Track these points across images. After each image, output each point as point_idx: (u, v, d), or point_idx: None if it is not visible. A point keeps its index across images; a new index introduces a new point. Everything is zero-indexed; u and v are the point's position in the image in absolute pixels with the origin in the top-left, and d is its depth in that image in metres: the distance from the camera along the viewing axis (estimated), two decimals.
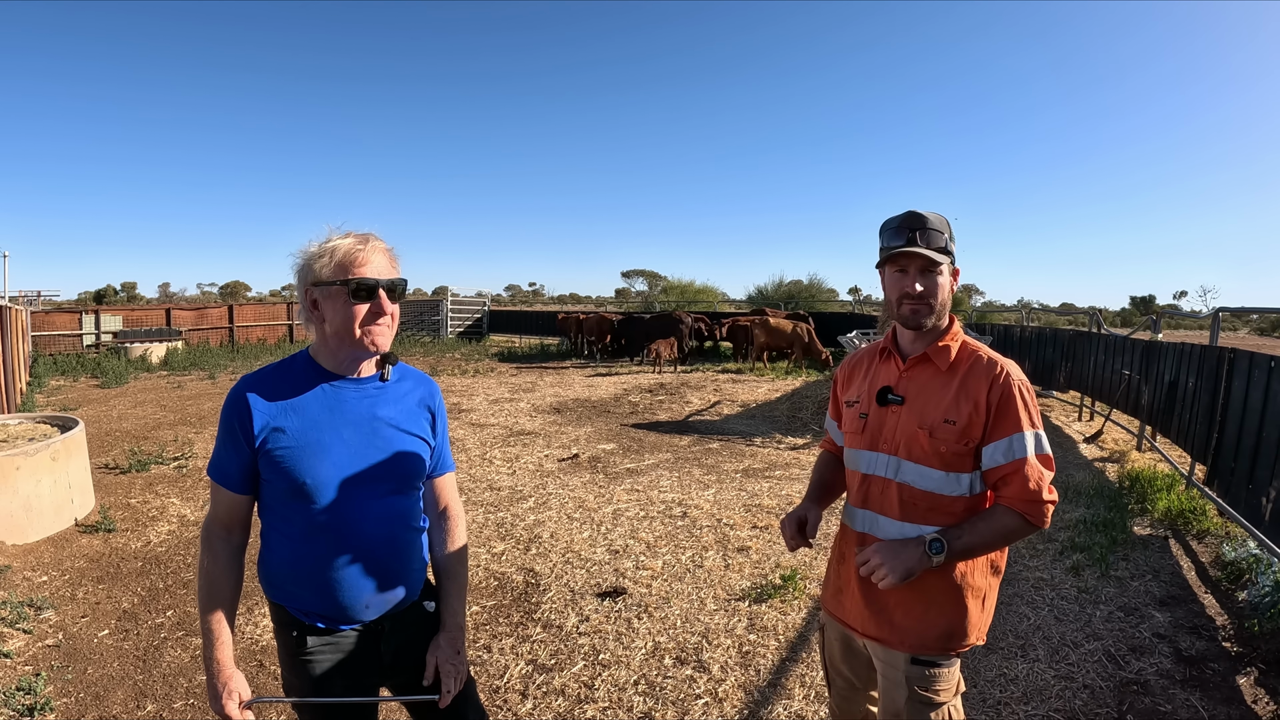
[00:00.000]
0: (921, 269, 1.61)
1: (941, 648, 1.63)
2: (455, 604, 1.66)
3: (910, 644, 1.64)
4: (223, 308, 20.16)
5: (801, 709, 2.80)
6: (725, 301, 26.01)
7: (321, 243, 1.47)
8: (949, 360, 1.64)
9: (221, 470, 1.49)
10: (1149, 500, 5.36)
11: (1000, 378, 1.57)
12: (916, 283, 1.61)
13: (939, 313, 1.64)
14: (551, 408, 10.15)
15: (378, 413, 1.53)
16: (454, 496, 1.75)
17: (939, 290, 1.62)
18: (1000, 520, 1.54)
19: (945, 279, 1.63)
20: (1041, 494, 1.52)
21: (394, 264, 1.50)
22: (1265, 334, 37.04)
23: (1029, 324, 13.31)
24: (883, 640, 1.68)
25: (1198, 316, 8.55)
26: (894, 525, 1.65)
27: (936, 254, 1.59)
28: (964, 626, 1.63)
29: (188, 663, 3.19)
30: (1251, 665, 3.10)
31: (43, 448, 4.71)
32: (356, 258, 1.43)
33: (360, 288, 1.42)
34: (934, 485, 1.61)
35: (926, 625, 1.63)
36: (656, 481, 6.16)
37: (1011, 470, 1.53)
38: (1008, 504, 1.54)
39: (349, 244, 1.45)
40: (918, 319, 1.63)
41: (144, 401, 10.65)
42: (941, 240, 1.61)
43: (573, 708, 2.83)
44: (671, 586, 3.95)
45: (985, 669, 3.10)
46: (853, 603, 1.76)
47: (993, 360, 1.61)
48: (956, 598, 1.62)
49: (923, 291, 1.61)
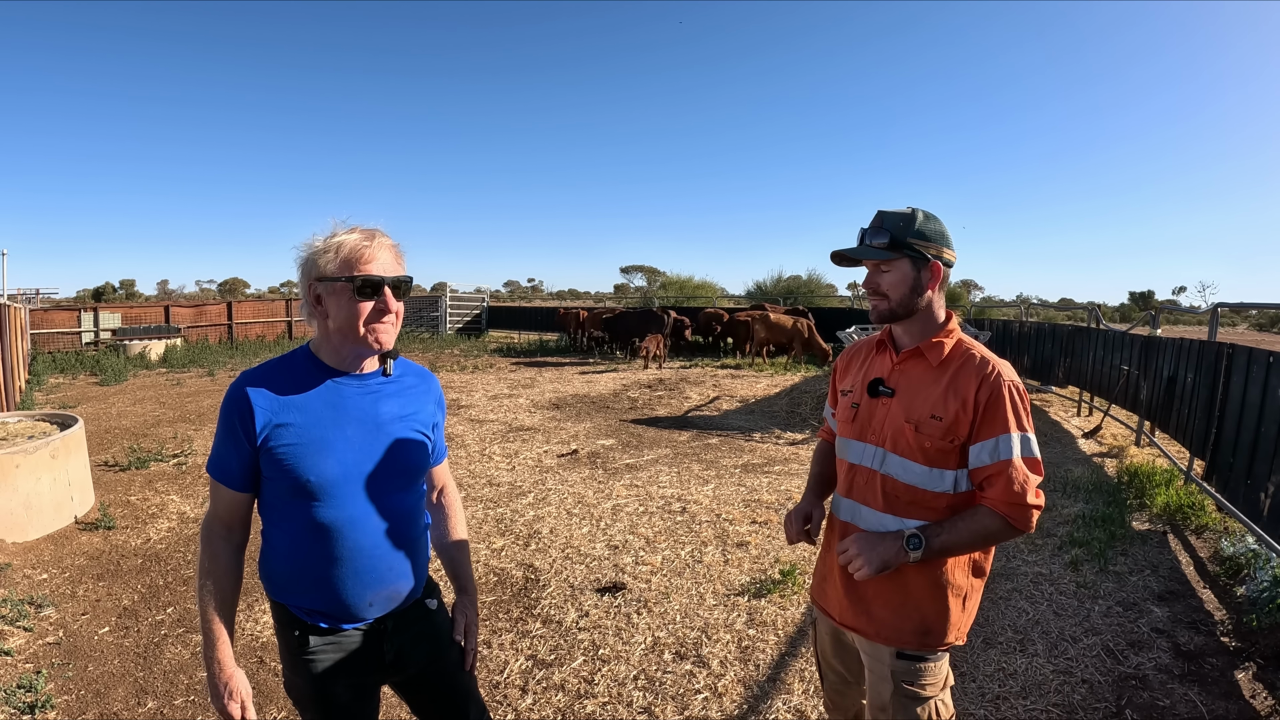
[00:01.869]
0: (874, 266, 1.64)
1: (918, 644, 1.63)
2: (468, 569, 1.81)
3: (886, 637, 1.65)
4: (221, 304, 20.13)
5: (801, 704, 2.81)
6: (724, 297, 25.99)
7: (327, 237, 1.44)
8: (941, 356, 1.63)
9: (222, 468, 1.46)
10: (1148, 495, 5.37)
11: (991, 377, 1.55)
12: (871, 278, 1.65)
13: (905, 305, 1.62)
14: (550, 403, 10.15)
15: (381, 409, 1.52)
16: (449, 477, 1.83)
17: (893, 285, 1.61)
18: (982, 521, 1.53)
19: (901, 275, 1.60)
20: (1025, 497, 1.50)
21: (400, 260, 1.48)
22: (1264, 329, 37.08)
23: (1028, 319, 13.31)
24: (861, 631, 1.70)
25: (1196, 312, 8.59)
26: (875, 516, 1.65)
27: (879, 251, 1.60)
28: (943, 624, 1.63)
29: (188, 659, 3.20)
30: (1250, 660, 3.11)
31: (42, 445, 4.71)
32: (363, 254, 1.41)
33: (366, 285, 1.39)
34: (916, 479, 1.60)
35: (903, 619, 1.63)
36: (656, 477, 6.16)
37: (995, 471, 1.52)
38: (990, 505, 1.53)
39: (355, 240, 1.42)
40: (878, 313, 1.67)
41: (143, 399, 10.64)
42: (885, 237, 1.60)
43: (572, 703, 2.84)
44: (671, 582, 3.96)
45: (984, 663, 3.11)
46: (834, 592, 1.77)
47: (985, 359, 1.59)
48: (936, 595, 1.62)
49: (876, 286, 1.64)
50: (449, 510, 1.81)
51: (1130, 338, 7.69)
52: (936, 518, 1.59)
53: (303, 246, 1.46)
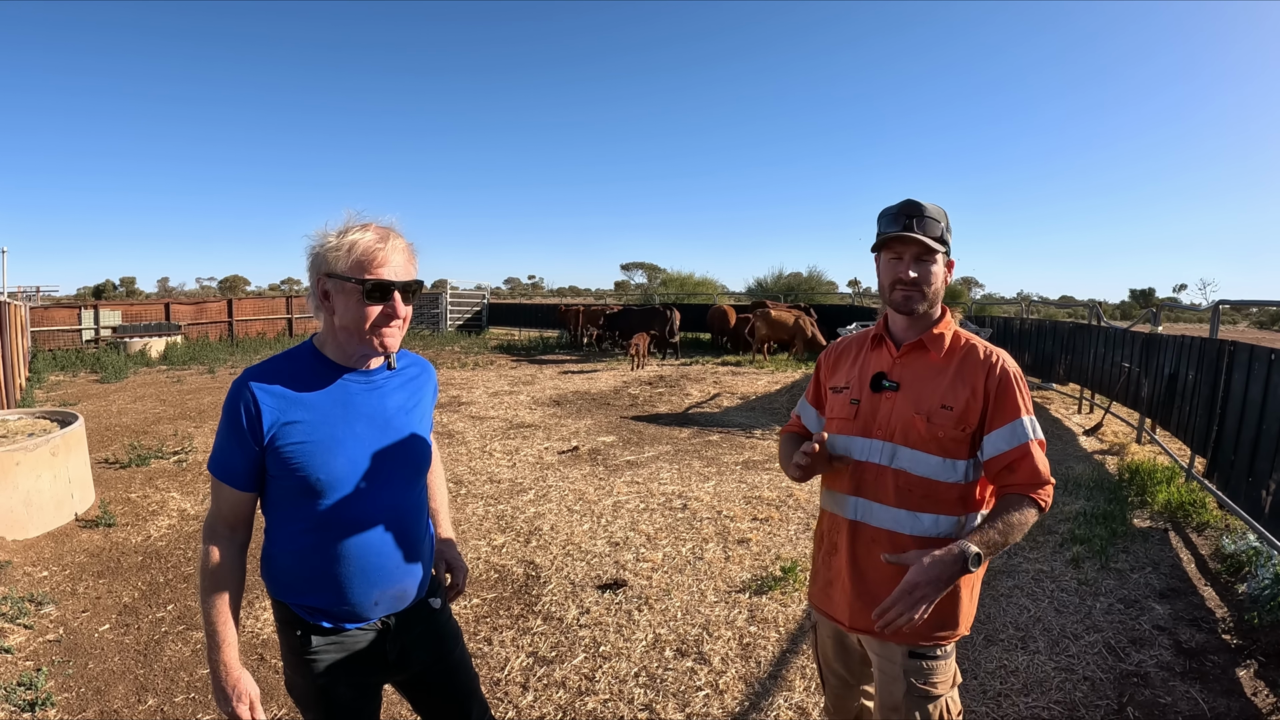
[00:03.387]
0: (916, 256, 1.62)
1: (935, 639, 1.63)
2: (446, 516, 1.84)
3: (903, 636, 1.62)
4: (222, 302, 20.10)
5: (802, 700, 2.81)
6: (724, 294, 25.94)
7: (339, 231, 1.40)
8: (944, 347, 1.65)
9: (226, 467, 1.43)
10: (1149, 493, 5.37)
11: (997, 365, 1.60)
12: (910, 269, 1.62)
13: (931, 300, 1.65)
14: (551, 400, 10.14)
15: (388, 403, 1.51)
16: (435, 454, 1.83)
17: (933, 278, 1.63)
18: (1021, 511, 1.53)
19: (939, 268, 1.64)
20: (1046, 476, 1.55)
21: (412, 262, 1.45)
22: (1265, 327, 37.05)
23: (1028, 316, 13.30)
24: (874, 632, 1.66)
25: (1197, 309, 8.57)
26: (888, 512, 1.63)
27: (932, 241, 1.60)
28: (956, 616, 1.64)
29: (189, 657, 3.20)
30: (1251, 658, 3.11)
31: (42, 443, 4.70)
32: (376, 256, 1.37)
33: (376, 289, 1.36)
34: (930, 471, 1.60)
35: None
36: (656, 474, 6.16)
37: (1018, 455, 1.55)
38: (1020, 491, 1.54)
39: (369, 241, 1.38)
40: (910, 305, 1.63)
41: (143, 396, 10.63)
42: (938, 229, 1.62)
43: (573, 700, 2.84)
44: (672, 579, 3.95)
45: (986, 661, 3.10)
46: (843, 596, 1.72)
47: (987, 349, 1.64)
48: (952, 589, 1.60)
49: (916, 278, 1.61)
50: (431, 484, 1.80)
51: (1131, 335, 7.67)
52: (948, 510, 1.60)
53: (314, 236, 1.42)
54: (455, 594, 1.76)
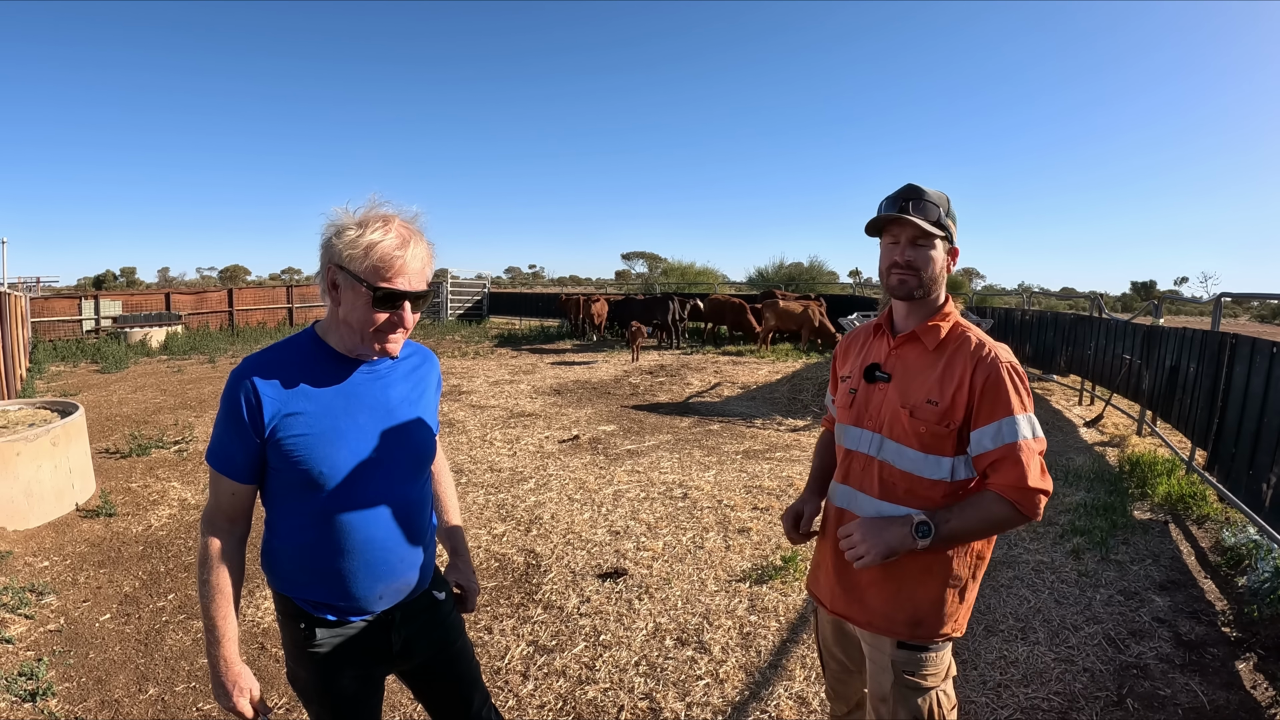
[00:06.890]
0: (912, 239, 1.58)
1: (909, 634, 1.59)
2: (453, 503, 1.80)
3: (878, 626, 1.62)
4: (222, 292, 20.09)
5: (802, 690, 2.82)
6: (725, 284, 25.88)
7: (360, 224, 1.34)
8: (937, 340, 1.60)
9: (226, 459, 1.39)
10: (1149, 485, 5.37)
11: (988, 359, 1.51)
12: (906, 252, 1.58)
13: (928, 286, 1.60)
14: (552, 389, 10.14)
15: (391, 394, 1.48)
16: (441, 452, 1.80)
17: (929, 263, 1.58)
18: (990, 507, 1.49)
19: (938, 253, 1.59)
20: (1033, 482, 1.45)
21: (429, 265, 1.40)
22: (1266, 320, 36.95)
23: (1030, 308, 13.27)
24: (851, 619, 1.67)
25: (1199, 302, 8.50)
26: (872, 503, 1.62)
27: (929, 225, 1.55)
28: (938, 616, 1.58)
29: (189, 646, 3.20)
30: (1251, 651, 3.11)
31: (43, 433, 4.70)
32: (394, 264, 1.32)
33: (387, 297, 1.33)
34: (911, 466, 1.57)
35: (896, 609, 1.60)
36: (657, 463, 6.16)
37: (1001, 456, 1.47)
38: (998, 491, 1.48)
39: (389, 247, 1.32)
40: (905, 289, 1.59)
41: (144, 386, 10.63)
42: (936, 214, 1.57)
43: (574, 688, 2.84)
44: (672, 567, 3.96)
45: (985, 651, 3.11)
46: (826, 579, 1.74)
47: (981, 342, 1.56)
48: (933, 585, 1.58)
49: (911, 261, 1.58)
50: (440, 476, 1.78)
51: (1133, 327, 7.65)
52: (932, 506, 1.55)
53: (333, 216, 1.36)
54: (465, 612, 1.75)
